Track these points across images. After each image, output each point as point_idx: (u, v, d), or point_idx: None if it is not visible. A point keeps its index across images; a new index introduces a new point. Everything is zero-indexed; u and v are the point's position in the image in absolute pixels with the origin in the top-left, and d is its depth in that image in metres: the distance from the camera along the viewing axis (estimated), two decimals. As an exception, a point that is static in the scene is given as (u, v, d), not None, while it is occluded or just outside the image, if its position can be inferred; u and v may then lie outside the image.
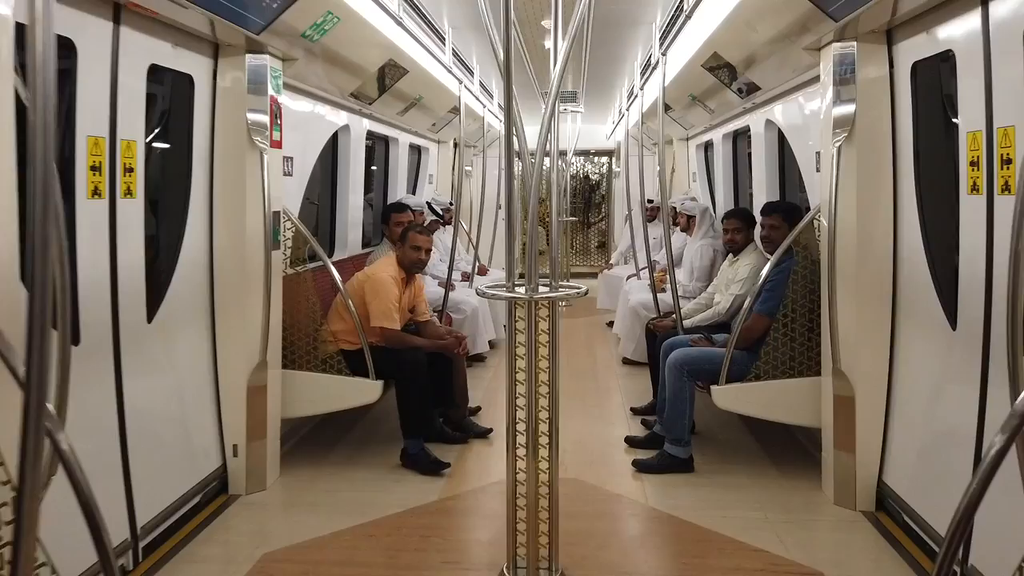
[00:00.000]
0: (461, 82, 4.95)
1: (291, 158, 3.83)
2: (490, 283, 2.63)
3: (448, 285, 5.39)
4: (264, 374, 3.32)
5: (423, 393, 3.63)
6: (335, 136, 4.83)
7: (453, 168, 8.89)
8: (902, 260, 3.02)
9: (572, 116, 8.86)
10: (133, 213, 2.66)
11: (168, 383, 2.99)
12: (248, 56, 3.16)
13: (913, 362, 2.97)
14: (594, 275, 8.63)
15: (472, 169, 9.67)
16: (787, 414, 3.52)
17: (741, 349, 3.56)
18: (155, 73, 2.79)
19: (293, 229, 3.62)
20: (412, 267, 3.80)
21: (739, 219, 4.20)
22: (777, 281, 3.51)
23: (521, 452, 2.58)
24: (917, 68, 2.86)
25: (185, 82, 3.02)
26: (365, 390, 3.61)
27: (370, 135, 5.64)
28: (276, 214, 3.39)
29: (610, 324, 7.31)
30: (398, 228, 4.14)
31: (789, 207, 3.75)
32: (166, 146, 3.08)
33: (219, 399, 3.31)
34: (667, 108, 6.33)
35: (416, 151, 7.37)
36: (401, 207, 4.53)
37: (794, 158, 4.73)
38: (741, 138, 5.99)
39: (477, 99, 5.85)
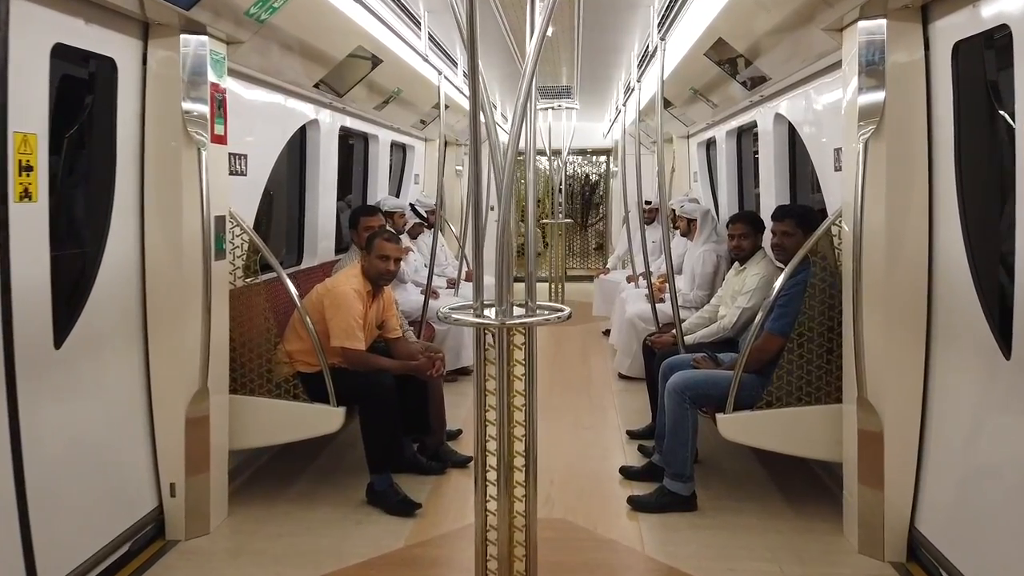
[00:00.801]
0: (441, 73, 4.52)
1: (244, 156, 3.41)
2: (454, 304, 2.21)
3: (429, 292, 4.97)
4: (205, 402, 2.90)
5: (391, 421, 3.21)
6: (303, 132, 4.42)
7: (443, 167, 8.48)
8: (939, 272, 2.60)
9: (567, 113, 8.46)
10: (33, 219, 2.24)
11: (86, 416, 2.56)
12: (183, 37, 2.74)
13: (952, 392, 2.56)
14: (592, 279, 8.21)
15: (463, 168, 9.26)
16: (803, 447, 3.11)
17: (750, 372, 3.14)
18: (64, 55, 2.37)
19: (246, 236, 3.19)
20: (379, 278, 3.37)
21: (746, 224, 3.78)
22: (791, 295, 3.09)
23: (492, 505, 2.17)
24: (959, 49, 2.44)
25: (106, 66, 2.60)
26: (325, 418, 3.19)
27: (346, 132, 5.23)
28: (220, 219, 2.97)
29: (606, 333, 6.90)
30: (368, 233, 3.71)
31: (803, 211, 3.33)
32: (82, 141, 2.66)
33: (154, 431, 2.89)
34: (666, 104, 5.92)
35: (401, 150, 6.95)
36: (371, 210, 4.09)
37: (806, 156, 4.33)
38: (746, 135, 5.57)
39: (461, 93, 5.41)
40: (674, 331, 3.91)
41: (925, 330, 2.64)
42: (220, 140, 2.93)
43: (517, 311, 2.10)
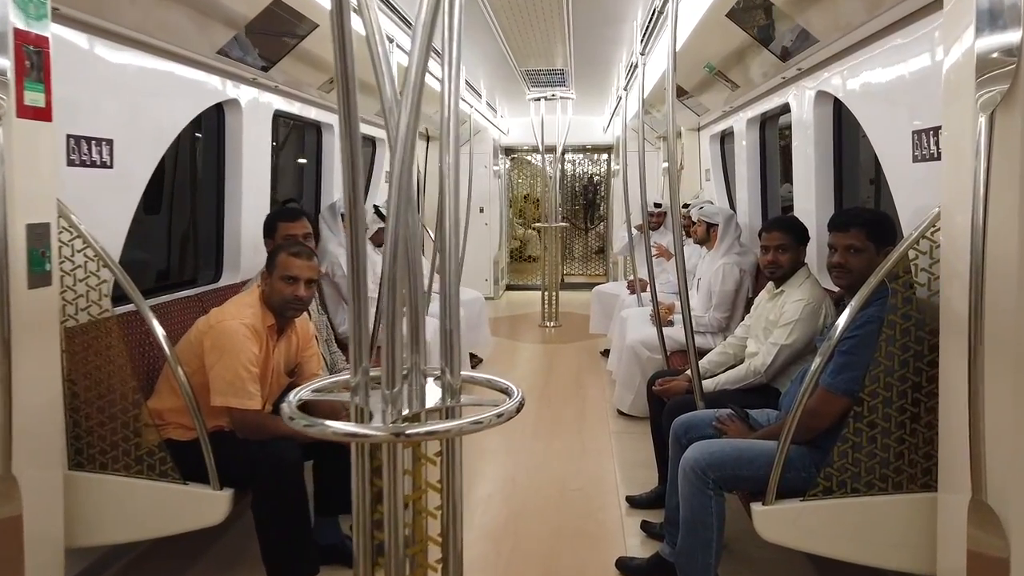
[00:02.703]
0: (393, 40, 3.60)
1: (108, 141, 2.52)
2: (316, 383, 1.31)
3: (380, 312, 4.08)
4: (14, 497, 2.00)
5: (296, 510, 2.31)
6: (221, 115, 3.52)
7: (425, 165, 7.59)
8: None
9: (562, 104, 7.57)
10: None
11: None
12: (-36, -41, 1.85)
13: None
14: (593, 286, 7.27)
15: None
16: (877, 553, 2.18)
17: (800, 444, 2.24)
18: None
19: (91, 251, 2.29)
20: (285, 308, 2.46)
21: (785, 232, 2.88)
22: (862, 337, 2.17)
23: None
24: None
25: None
26: (204, 505, 2.29)
27: (291, 119, 4.34)
28: (38, 228, 2.06)
29: (605, 353, 6.00)
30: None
31: (877, 218, 2.38)
32: None
33: (-63, 537, 1.99)
34: (679, 92, 5.02)
35: (369, 143, 6.05)
36: (292, 214, 3.14)
37: (855, 147, 3.43)
38: (771, 124, 4.66)
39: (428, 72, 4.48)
40: (688, 371, 3.01)
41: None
42: (38, 114, 2.03)
43: (431, 395, 1.20)
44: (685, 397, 2.89)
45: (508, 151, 10.40)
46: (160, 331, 2.25)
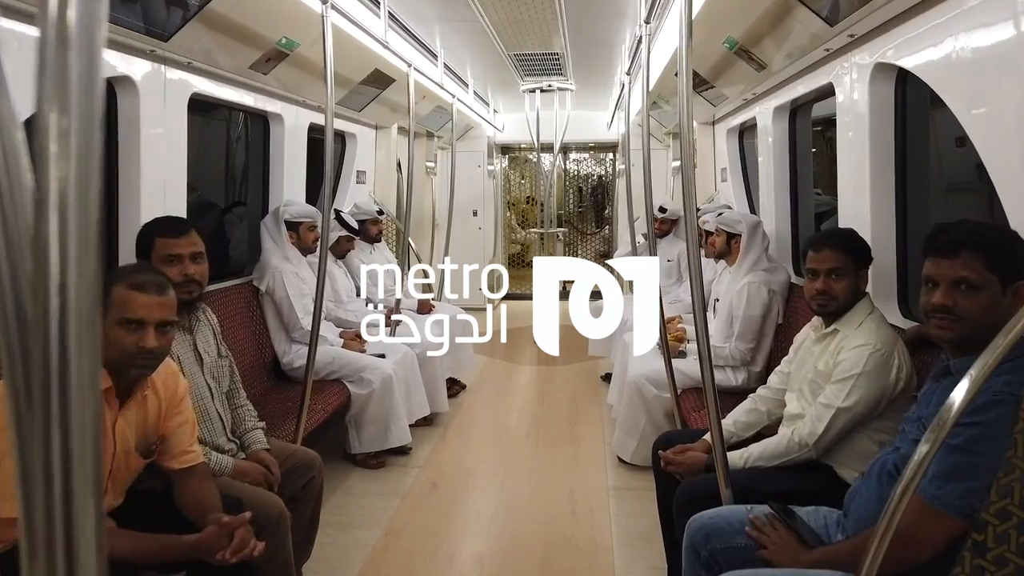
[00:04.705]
0: (327, 2, 2.83)
1: None
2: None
3: (316, 337, 3.39)
4: None
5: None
6: (113, 98, 2.78)
7: (409, 163, 6.86)
8: None
9: (560, 97, 6.82)
10: None
11: None
12: None
13: None
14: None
15: (434, 165, 7.63)
16: None
17: (884, 580, 1.48)
18: None
19: None
20: (126, 366, 1.71)
21: (840, 250, 2.12)
22: (986, 426, 1.40)
23: None
24: None
25: None
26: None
27: (227, 108, 3.61)
28: None
29: (606, 378, 5.25)
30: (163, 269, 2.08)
31: (1000, 239, 1.55)
32: None
33: None
34: (699, 83, 4.27)
35: (340, 139, 5.32)
36: (176, 227, 2.20)
37: (923, 138, 2.67)
38: (803, 113, 3.89)
39: (385, 46, 3.70)
40: (707, 437, 2.25)
41: None
42: None
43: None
44: (703, 478, 2.11)
45: (505, 149, 9.66)
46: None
